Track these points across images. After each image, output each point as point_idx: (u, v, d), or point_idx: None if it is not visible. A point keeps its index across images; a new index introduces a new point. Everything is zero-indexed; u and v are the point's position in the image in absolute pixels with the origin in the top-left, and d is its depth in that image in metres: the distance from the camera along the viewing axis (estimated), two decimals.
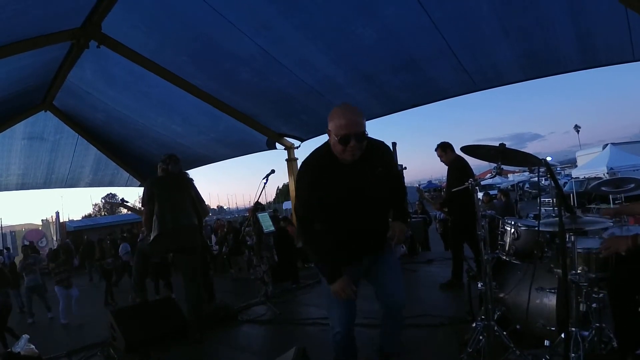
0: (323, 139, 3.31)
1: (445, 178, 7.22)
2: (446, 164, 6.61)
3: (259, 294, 7.22)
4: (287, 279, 8.95)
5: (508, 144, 3.54)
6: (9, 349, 4.95)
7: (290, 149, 10.89)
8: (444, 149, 6.61)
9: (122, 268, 13.43)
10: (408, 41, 6.24)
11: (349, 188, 2.99)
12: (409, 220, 6.09)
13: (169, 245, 5.42)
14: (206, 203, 6.04)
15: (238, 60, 7.24)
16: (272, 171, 6.75)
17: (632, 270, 2.99)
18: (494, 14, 5.35)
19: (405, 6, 5.42)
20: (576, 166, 30.66)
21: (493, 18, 5.43)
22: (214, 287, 8.46)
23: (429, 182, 55.42)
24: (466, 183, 3.82)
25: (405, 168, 11.06)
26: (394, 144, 10.70)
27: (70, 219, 42.96)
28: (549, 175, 3.13)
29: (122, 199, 7.16)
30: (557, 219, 2.89)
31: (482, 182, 6.90)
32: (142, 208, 5.68)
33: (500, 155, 3.51)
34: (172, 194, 5.38)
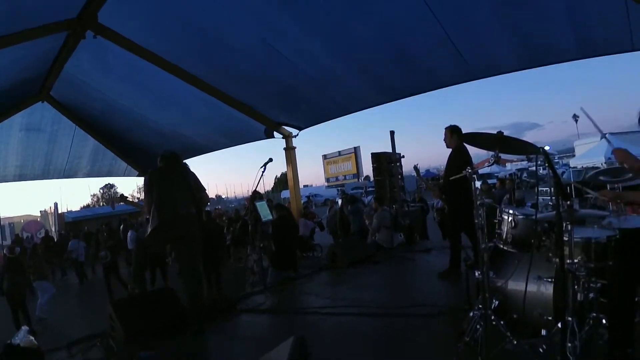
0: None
1: (443, 167, 7.20)
2: (448, 147, 6.57)
3: (247, 283, 7.23)
4: (288, 268, 8.98)
5: (506, 133, 3.53)
6: (9, 341, 4.95)
7: (288, 137, 10.90)
8: (451, 132, 6.51)
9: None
10: (406, 30, 6.23)
11: None
12: None
13: (167, 236, 5.41)
14: (206, 191, 6.00)
15: (237, 50, 7.22)
16: (270, 160, 6.74)
17: (632, 262, 3.00)
18: (492, 3, 5.33)
19: None
20: (574, 156, 30.63)
21: (491, 7, 5.41)
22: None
23: (427, 170, 55.14)
24: (463, 171, 3.81)
25: (404, 157, 11.08)
26: (392, 133, 10.71)
27: (68, 209, 42.85)
28: (547, 164, 3.13)
29: (122, 195, 7.16)
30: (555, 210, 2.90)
31: (481, 171, 6.87)
32: (143, 199, 5.67)
33: (498, 143, 3.50)
34: (171, 184, 5.36)
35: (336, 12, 6.04)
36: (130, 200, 7.61)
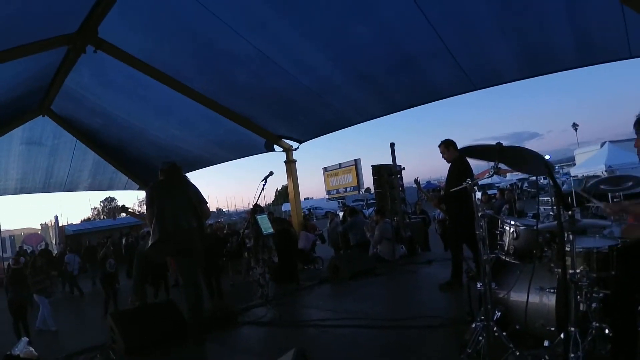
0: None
1: (444, 178, 7.21)
2: (448, 162, 6.60)
3: (255, 296, 7.20)
4: (290, 281, 8.98)
5: (506, 143, 3.53)
6: (9, 352, 4.93)
7: (288, 150, 10.90)
8: (447, 146, 6.58)
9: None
10: (405, 41, 6.26)
11: None
12: None
13: (168, 249, 5.39)
14: (207, 204, 5.97)
15: (236, 63, 7.26)
16: (271, 173, 6.73)
17: (634, 271, 2.99)
18: (491, 13, 5.36)
19: (402, 7, 5.42)
20: (574, 164, 30.61)
21: (490, 17, 5.44)
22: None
23: (428, 182, 55.18)
24: (464, 183, 3.81)
25: (404, 168, 11.08)
26: (392, 145, 10.72)
27: (69, 222, 42.85)
28: (547, 174, 3.12)
29: (123, 205, 7.11)
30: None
31: (481, 182, 6.89)
32: (145, 212, 5.64)
33: (497, 154, 3.50)
34: (172, 197, 5.35)
35: (335, 24, 6.07)
36: (132, 210, 7.56)
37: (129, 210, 7.39)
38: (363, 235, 10.97)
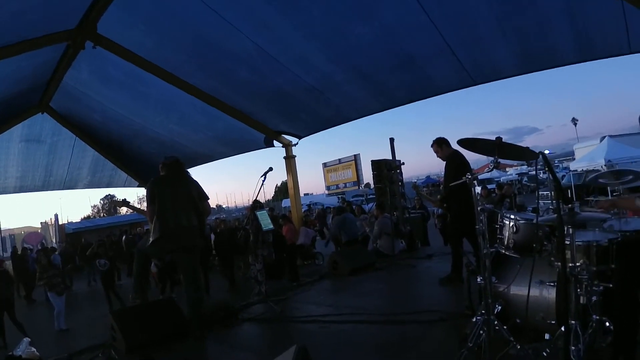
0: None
1: (443, 173, 7.21)
2: (443, 160, 6.60)
3: (252, 293, 7.22)
4: (282, 277, 9.07)
5: (505, 138, 3.52)
6: (10, 352, 4.94)
7: (288, 146, 10.88)
8: (439, 145, 6.58)
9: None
10: (405, 38, 6.24)
11: None
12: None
13: (169, 247, 5.38)
14: (209, 200, 5.95)
15: (236, 59, 7.23)
16: (270, 169, 6.74)
17: (634, 264, 3.00)
18: (490, 8, 5.34)
19: (403, 4, 5.41)
20: (574, 159, 30.65)
21: (490, 12, 5.42)
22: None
23: (428, 177, 55.25)
24: (463, 178, 3.81)
25: (404, 163, 11.08)
26: (392, 140, 10.71)
27: (69, 220, 42.91)
28: (546, 168, 3.12)
29: (124, 199, 7.09)
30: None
31: (480, 177, 6.89)
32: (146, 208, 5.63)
33: (497, 149, 3.49)
34: (173, 192, 5.34)
35: (335, 20, 6.05)
36: (132, 204, 7.54)
37: (130, 203, 7.40)
38: (354, 232, 11.08)
